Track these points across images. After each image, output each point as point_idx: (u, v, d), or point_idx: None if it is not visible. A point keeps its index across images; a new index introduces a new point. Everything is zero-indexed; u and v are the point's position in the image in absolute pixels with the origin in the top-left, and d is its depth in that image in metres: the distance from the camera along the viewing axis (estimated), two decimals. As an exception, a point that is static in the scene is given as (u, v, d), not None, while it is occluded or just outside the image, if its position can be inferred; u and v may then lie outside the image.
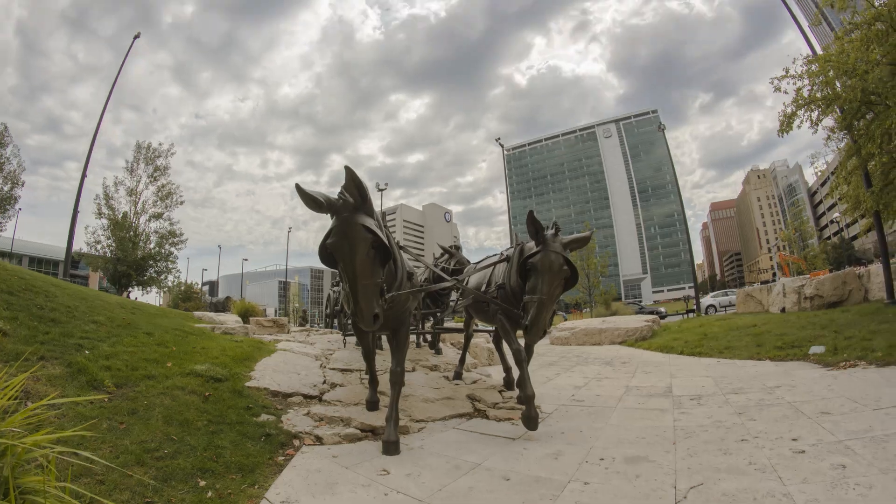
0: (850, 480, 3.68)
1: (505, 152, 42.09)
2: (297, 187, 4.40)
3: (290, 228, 69.53)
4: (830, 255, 65.49)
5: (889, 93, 10.83)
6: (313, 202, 4.45)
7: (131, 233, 27.92)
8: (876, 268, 14.75)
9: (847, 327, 10.50)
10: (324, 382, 7.71)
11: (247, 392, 6.35)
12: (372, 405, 6.46)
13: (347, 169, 4.55)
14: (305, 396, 6.80)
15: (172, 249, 29.64)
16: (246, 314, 16.71)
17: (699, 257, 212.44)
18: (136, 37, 24.38)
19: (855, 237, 71.52)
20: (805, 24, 16.50)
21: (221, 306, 28.33)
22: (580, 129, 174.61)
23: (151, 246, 28.86)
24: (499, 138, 39.75)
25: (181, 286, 42.20)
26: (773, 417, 5.63)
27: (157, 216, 29.05)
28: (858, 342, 9.01)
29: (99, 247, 27.72)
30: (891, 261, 13.72)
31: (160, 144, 30.37)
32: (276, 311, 66.70)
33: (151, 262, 28.82)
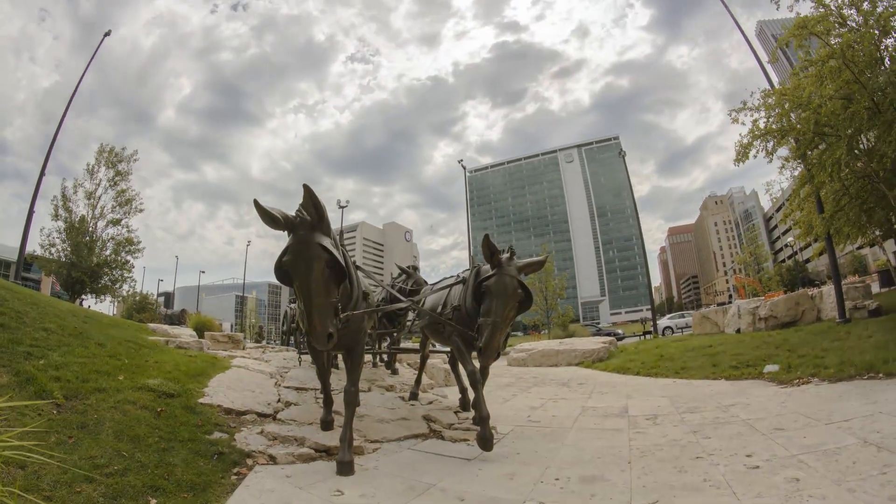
0: (804, 493, 3.77)
1: (467, 174, 42.28)
2: (256, 203, 4.45)
3: (248, 242, 68.18)
4: (785, 277, 67.77)
5: (841, 125, 11.43)
6: (270, 219, 4.51)
7: (87, 238, 26.85)
8: (828, 289, 15.32)
9: (800, 346, 10.84)
10: (278, 401, 7.66)
11: (200, 409, 6.25)
12: (326, 425, 6.40)
13: (306, 187, 4.59)
14: (259, 415, 6.74)
15: (129, 258, 28.49)
16: (201, 328, 16.40)
17: (657, 280, 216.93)
18: (107, 34, 23.91)
19: (808, 260, 73.98)
20: (765, 59, 17.30)
21: (177, 319, 27.41)
22: (542, 154, 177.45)
23: (107, 253, 27.72)
24: (461, 160, 39.97)
25: (136, 296, 40.97)
26: (727, 435, 5.75)
27: (116, 222, 27.89)
28: (811, 360, 9.31)
29: (53, 250, 26.51)
30: (842, 282, 14.24)
31: (123, 149, 29.32)
32: (231, 327, 64.91)
33: (106, 270, 27.65)
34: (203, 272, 74.07)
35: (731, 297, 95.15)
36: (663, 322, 36.24)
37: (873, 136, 11.81)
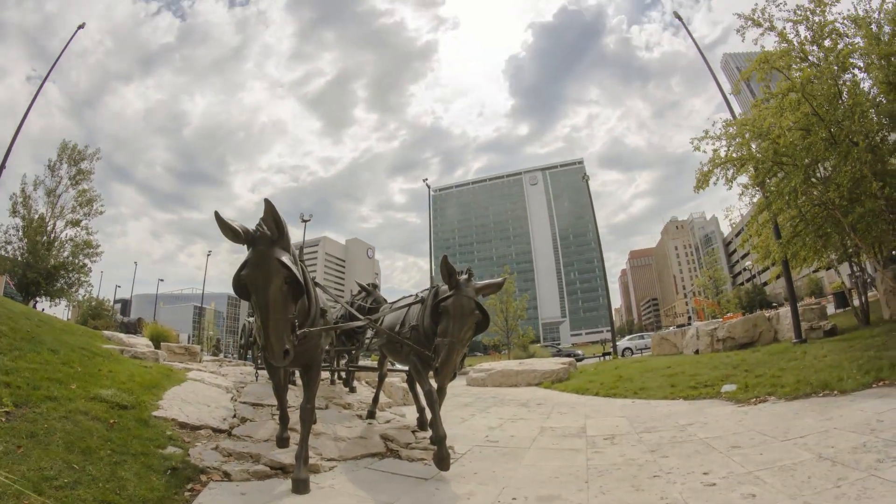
0: (760, 508, 3.81)
1: (431, 192, 42.48)
2: (217, 216, 4.47)
3: (209, 252, 66.01)
4: (743, 299, 69.99)
5: (798, 155, 12.04)
6: (231, 232, 4.51)
7: (45, 238, 25.97)
8: (785, 310, 15.79)
9: (757, 366, 11.05)
10: (234, 416, 7.63)
11: (153, 422, 6.19)
12: (282, 442, 6.37)
13: (267, 202, 4.60)
14: (214, 430, 6.71)
15: (87, 261, 27.69)
16: (158, 339, 15.95)
17: (617, 302, 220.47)
18: (81, 27, 23.41)
19: (766, 283, 76.34)
20: (727, 90, 18.01)
21: (132, 328, 26.35)
22: (507, 175, 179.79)
23: (65, 254, 26.87)
24: (426, 179, 40.22)
25: (92, 301, 39.56)
26: (685, 453, 5.81)
27: (75, 223, 27.06)
28: (768, 379, 9.48)
29: (9, 248, 25.60)
30: (799, 304, 14.69)
31: (86, 147, 28.56)
32: (189, 338, 63.29)
33: (63, 272, 26.77)
34: (162, 280, 71.15)
35: (690, 319, 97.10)
36: (623, 343, 36.75)
37: (830, 165, 12.33)
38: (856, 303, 15.30)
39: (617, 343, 33.35)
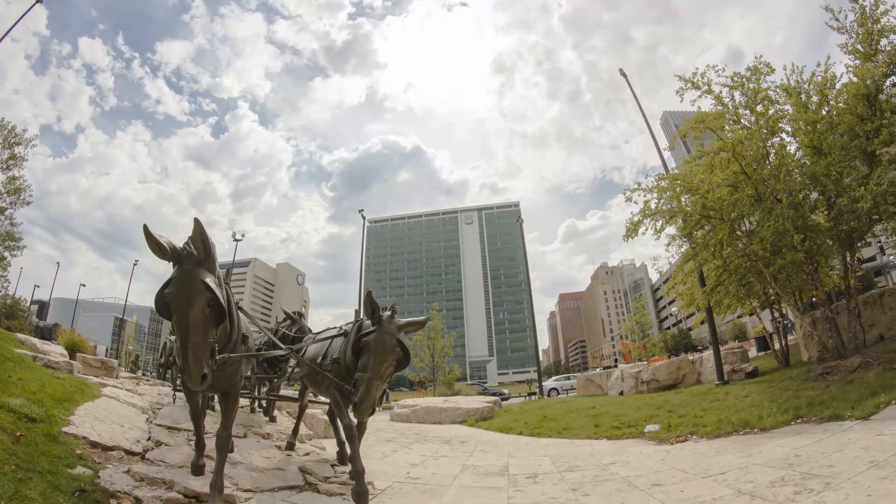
0: (679, 543, 3.84)
1: (366, 223, 42.39)
2: (145, 229, 4.39)
3: (136, 261, 62.73)
4: (669, 343, 72.84)
5: (725, 209, 12.90)
6: (158, 248, 4.46)
7: None
8: (708, 354, 16.57)
9: (680, 407, 11.45)
10: (148, 439, 7.38)
11: (63, 438, 5.88)
12: (197, 469, 6.17)
13: (196, 221, 4.58)
14: (127, 452, 6.45)
15: (6, 254, 25.86)
16: (73, 348, 15.08)
17: (545, 343, 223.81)
18: (39, 1, 22.32)
19: (691, 328, 79.41)
20: (663, 146, 19.01)
21: (48, 333, 24.79)
22: (443, 213, 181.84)
23: None
24: (361, 210, 40.09)
25: (7, 299, 36.94)
26: (606, 492, 5.87)
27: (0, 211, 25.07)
28: (691, 419, 9.83)
29: None
30: (723, 347, 15.40)
31: (24, 130, 26.38)
32: (107, 351, 59.97)
33: None
34: (84, 285, 66.60)
35: (616, 361, 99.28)
36: (549, 383, 37.28)
37: (754, 220, 13.14)
38: (776, 346, 16.11)
39: (543, 383, 33.73)
